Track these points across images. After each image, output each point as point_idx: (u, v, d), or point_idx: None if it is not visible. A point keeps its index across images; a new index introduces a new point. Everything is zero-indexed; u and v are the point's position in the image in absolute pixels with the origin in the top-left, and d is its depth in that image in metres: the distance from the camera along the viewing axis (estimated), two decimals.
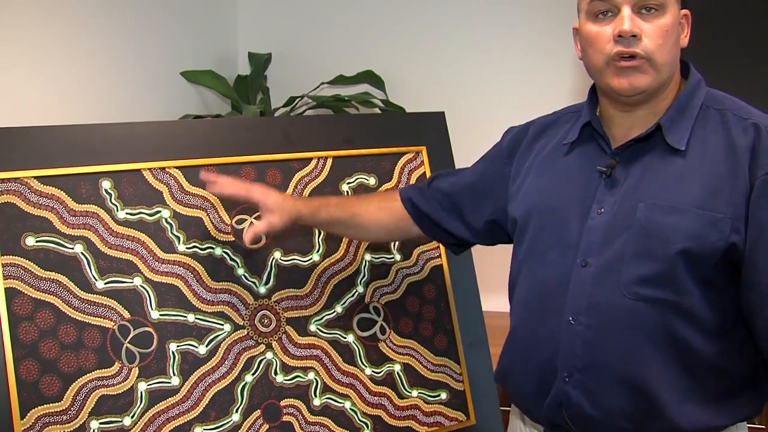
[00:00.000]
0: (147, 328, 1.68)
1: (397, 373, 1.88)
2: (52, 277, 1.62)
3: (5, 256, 1.59)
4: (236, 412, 1.72)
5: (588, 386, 1.43)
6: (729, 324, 1.40)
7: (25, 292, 1.59)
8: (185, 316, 1.71)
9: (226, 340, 1.74)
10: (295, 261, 1.84)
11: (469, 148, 2.88)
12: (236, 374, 1.74)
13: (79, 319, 1.62)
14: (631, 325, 1.40)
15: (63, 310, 1.61)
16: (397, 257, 1.94)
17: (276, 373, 1.77)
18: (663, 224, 1.38)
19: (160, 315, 1.69)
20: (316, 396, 1.80)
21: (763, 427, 1.95)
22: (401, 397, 1.88)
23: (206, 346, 1.72)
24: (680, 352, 1.39)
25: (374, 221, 1.78)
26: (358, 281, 1.90)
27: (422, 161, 2.01)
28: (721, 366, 1.41)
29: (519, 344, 1.57)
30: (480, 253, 2.06)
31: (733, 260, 1.37)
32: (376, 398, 1.85)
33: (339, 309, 1.86)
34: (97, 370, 1.62)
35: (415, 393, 1.89)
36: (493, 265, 2.31)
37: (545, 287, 1.51)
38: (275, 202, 1.69)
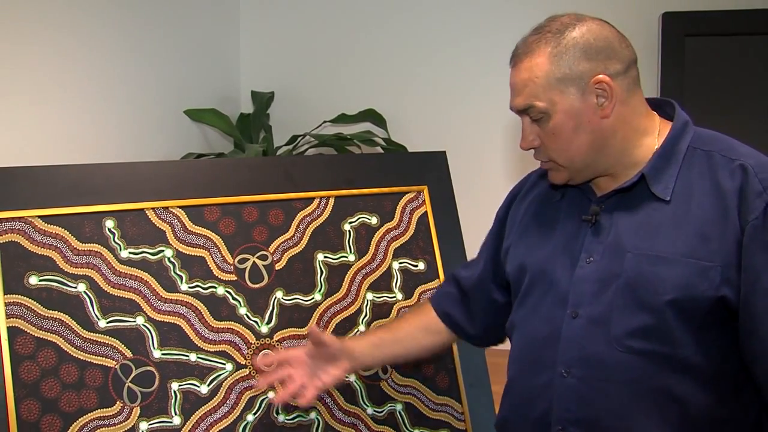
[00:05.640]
0: (149, 368, 1.68)
1: (399, 412, 1.88)
2: (54, 316, 1.62)
3: (8, 295, 1.59)
4: None
5: None
6: (725, 370, 1.36)
7: (28, 331, 1.59)
8: (187, 356, 1.71)
9: (228, 379, 1.74)
10: (297, 300, 1.85)
11: (470, 188, 2.91)
12: (238, 414, 1.73)
13: (81, 358, 1.63)
14: (623, 379, 1.37)
15: (65, 349, 1.61)
16: (399, 296, 1.95)
17: (278, 413, 1.77)
18: (650, 275, 1.35)
19: (162, 354, 1.70)
20: None
21: None
22: None
23: (208, 385, 1.72)
24: (676, 406, 1.35)
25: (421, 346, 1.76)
26: (360, 320, 1.90)
27: (424, 200, 2.02)
28: (720, 416, 1.36)
29: (515, 398, 1.54)
30: None
31: (728, 307, 1.33)
32: None
33: None
34: (99, 410, 1.62)
35: None
36: None
37: (537, 339, 1.49)
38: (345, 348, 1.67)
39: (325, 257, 1.90)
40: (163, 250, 1.75)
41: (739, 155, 1.35)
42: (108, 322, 1.67)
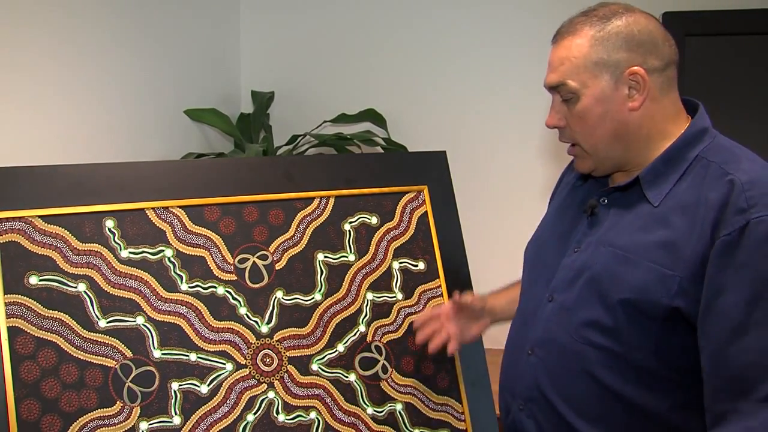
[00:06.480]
0: (149, 368, 1.68)
1: (399, 412, 1.88)
2: (54, 316, 1.62)
3: (8, 295, 1.59)
4: None
5: (536, 417, 1.47)
6: (692, 382, 1.34)
7: (28, 331, 1.59)
8: (187, 356, 1.71)
9: (228, 379, 1.74)
10: (297, 300, 1.85)
11: (470, 187, 2.91)
12: (238, 414, 1.73)
13: (81, 358, 1.63)
14: (577, 368, 1.40)
15: (65, 349, 1.61)
16: (399, 296, 1.95)
17: (278, 413, 1.77)
18: (613, 273, 1.37)
19: (162, 354, 1.70)
20: None
21: None
22: None
23: (208, 385, 1.72)
24: (626, 405, 1.36)
25: None
26: (360, 320, 1.90)
27: (424, 200, 2.02)
28: (680, 426, 1.36)
29: (500, 374, 1.63)
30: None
31: (686, 319, 1.32)
32: None
33: (341, 348, 1.86)
34: (99, 410, 1.62)
35: None
36: None
37: (521, 319, 1.56)
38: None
39: (325, 257, 1.90)
40: (163, 250, 1.75)
41: (737, 170, 1.32)
42: (108, 322, 1.67)
